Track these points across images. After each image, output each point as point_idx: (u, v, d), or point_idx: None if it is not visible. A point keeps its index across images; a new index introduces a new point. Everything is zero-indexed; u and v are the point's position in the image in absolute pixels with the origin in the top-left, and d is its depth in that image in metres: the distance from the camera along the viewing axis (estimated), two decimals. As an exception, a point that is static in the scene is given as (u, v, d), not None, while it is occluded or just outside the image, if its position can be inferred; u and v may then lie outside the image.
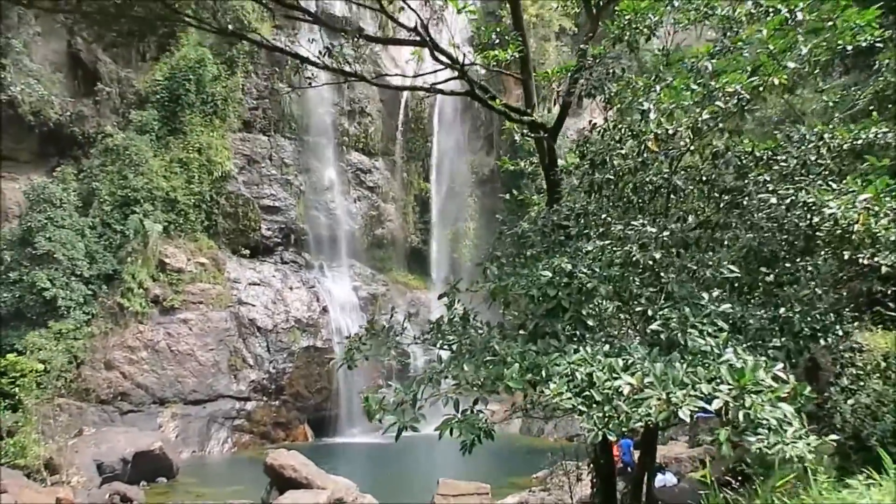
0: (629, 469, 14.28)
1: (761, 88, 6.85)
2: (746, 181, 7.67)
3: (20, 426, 17.45)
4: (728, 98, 6.78)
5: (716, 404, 4.41)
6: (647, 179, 7.81)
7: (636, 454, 11.92)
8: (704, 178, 7.93)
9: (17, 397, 17.70)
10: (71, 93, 30.53)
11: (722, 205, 7.88)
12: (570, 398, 4.74)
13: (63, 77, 30.38)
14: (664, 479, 14.24)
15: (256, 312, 29.65)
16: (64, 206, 25.54)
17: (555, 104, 34.00)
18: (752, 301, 7.08)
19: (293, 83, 33.86)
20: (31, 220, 24.62)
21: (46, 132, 28.90)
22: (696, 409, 4.42)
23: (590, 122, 8.72)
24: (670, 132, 7.13)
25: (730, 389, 4.46)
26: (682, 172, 7.93)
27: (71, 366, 24.59)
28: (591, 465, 10.12)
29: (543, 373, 5.10)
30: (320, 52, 9.24)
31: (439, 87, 9.94)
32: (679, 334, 5.42)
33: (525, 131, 9.96)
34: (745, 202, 7.58)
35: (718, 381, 4.57)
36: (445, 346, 6.62)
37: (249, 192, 32.02)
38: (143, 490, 19.27)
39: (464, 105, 37.90)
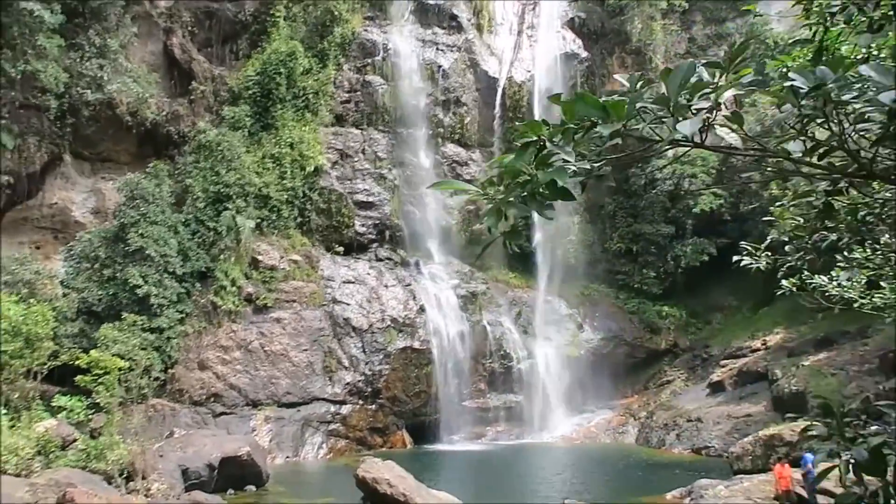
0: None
1: None
2: None
3: (103, 427, 16.51)
4: None
5: None
6: None
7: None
8: None
9: (98, 396, 16.78)
10: (167, 93, 30.47)
11: None
12: None
13: (159, 77, 30.31)
14: None
15: (351, 311, 28.21)
16: (157, 203, 25.07)
17: None
18: None
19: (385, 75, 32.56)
20: (124, 217, 24.25)
21: (143, 132, 28.82)
22: None
23: None
24: None
25: None
26: None
27: (164, 366, 23.95)
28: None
29: None
30: None
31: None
32: None
33: None
34: None
35: None
36: None
37: (342, 188, 30.79)
38: (226, 500, 17.87)
39: (567, 89, 35.28)
